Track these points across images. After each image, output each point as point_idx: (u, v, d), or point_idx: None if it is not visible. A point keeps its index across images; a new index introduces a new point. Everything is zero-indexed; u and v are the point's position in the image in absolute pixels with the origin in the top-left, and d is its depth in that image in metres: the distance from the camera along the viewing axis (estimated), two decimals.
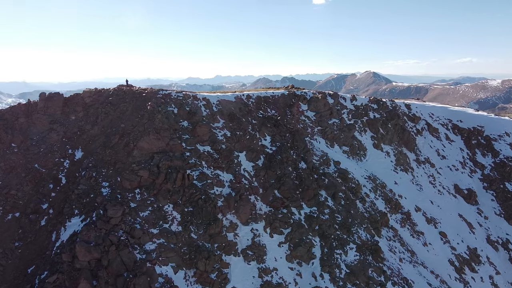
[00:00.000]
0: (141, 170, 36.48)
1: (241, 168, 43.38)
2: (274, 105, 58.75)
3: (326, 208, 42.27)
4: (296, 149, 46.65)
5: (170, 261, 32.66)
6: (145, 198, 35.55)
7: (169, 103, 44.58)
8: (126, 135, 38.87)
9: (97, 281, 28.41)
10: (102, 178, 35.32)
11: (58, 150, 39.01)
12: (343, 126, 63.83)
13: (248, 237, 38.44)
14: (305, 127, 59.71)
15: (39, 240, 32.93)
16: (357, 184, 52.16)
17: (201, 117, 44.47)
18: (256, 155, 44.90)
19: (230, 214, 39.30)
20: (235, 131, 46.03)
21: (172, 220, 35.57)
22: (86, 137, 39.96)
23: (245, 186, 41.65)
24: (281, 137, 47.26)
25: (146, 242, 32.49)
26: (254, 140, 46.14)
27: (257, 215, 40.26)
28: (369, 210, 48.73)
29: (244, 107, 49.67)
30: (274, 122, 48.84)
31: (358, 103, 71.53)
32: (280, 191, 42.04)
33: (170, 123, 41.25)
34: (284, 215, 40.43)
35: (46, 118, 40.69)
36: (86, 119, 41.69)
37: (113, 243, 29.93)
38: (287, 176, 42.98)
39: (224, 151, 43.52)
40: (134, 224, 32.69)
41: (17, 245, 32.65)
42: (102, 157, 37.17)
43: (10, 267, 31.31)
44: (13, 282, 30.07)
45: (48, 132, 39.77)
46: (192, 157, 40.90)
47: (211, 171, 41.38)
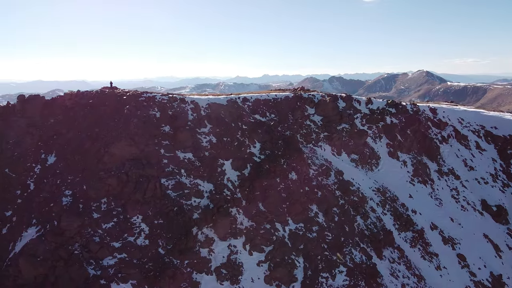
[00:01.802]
0: (110, 178, 35.19)
1: (225, 178, 41.16)
2: (275, 108, 56.01)
3: (315, 224, 39.11)
4: (288, 158, 43.74)
5: (131, 278, 31.07)
6: (111, 209, 34.21)
7: (151, 106, 43.18)
8: (99, 140, 37.83)
9: None
10: (66, 185, 34.38)
11: (31, 154, 38.65)
12: (354, 132, 59.84)
13: (224, 254, 36.19)
14: (309, 132, 56.49)
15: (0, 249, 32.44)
16: (360, 197, 48.34)
17: (185, 122, 42.72)
18: (242, 164, 42.52)
19: (207, 228, 37.22)
20: (222, 137, 43.89)
21: (139, 233, 33.99)
22: (62, 142, 39.35)
23: (226, 198, 39.38)
24: (272, 145, 44.54)
25: (105, 257, 31.12)
26: (242, 147, 43.78)
27: (237, 229, 37.88)
28: (371, 228, 44.82)
29: (235, 111, 47.43)
30: (266, 128, 46.19)
31: (374, 106, 67.04)
32: (264, 204, 39.40)
33: (148, 128, 39.79)
34: (267, 231, 37.75)
35: (23, 121, 40.54)
36: (64, 123, 41.17)
37: (62, 257, 28.72)
38: (273, 188, 40.24)
39: (207, 159, 41.53)
40: (92, 237, 31.39)
41: None
42: (71, 163, 36.30)
43: None
44: None
45: (24, 136, 39.54)
46: (170, 165, 39.22)
47: (190, 180, 39.50)
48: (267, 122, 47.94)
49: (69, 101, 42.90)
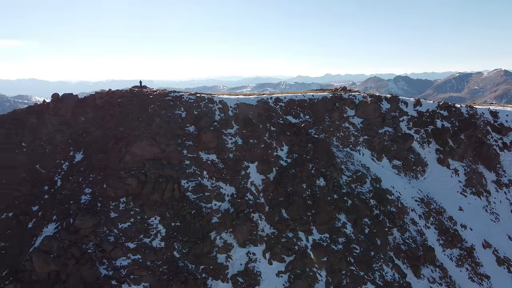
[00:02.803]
0: (130, 178, 35.52)
1: (248, 181, 40.03)
2: (311, 109, 53.92)
3: (342, 236, 36.64)
4: (316, 163, 41.60)
5: (143, 280, 30.94)
6: (129, 209, 34.45)
7: (178, 106, 43.28)
8: (123, 139, 38.47)
9: None
10: (87, 183, 35.23)
11: (61, 151, 40.33)
12: (397, 136, 55.94)
13: (243, 261, 34.98)
14: (346, 135, 53.73)
15: (22, 243, 33.93)
16: (400, 207, 44.84)
17: (209, 122, 42.22)
18: (268, 167, 41.10)
19: (226, 233, 36.30)
20: (248, 138, 42.82)
21: (155, 235, 33.87)
22: (89, 140, 40.64)
23: (248, 202, 38.26)
24: (300, 148, 42.61)
25: (118, 257, 31.23)
26: (269, 150, 42.38)
27: (258, 236, 36.55)
28: (409, 242, 41.27)
29: (264, 112, 46.14)
30: (295, 130, 44.33)
31: (423, 108, 62.31)
32: (288, 211, 37.68)
33: (171, 128, 39.79)
34: (289, 240, 36.01)
35: (56, 119, 42.49)
36: (93, 121, 42.56)
37: (74, 256, 29.22)
38: (298, 194, 38.37)
39: (231, 161, 40.68)
40: (107, 237, 31.72)
41: (2, 245, 34.07)
42: (94, 161, 37.21)
43: None
44: None
45: (55, 133, 41.39)
46: (192, 166, 38.88)
47: (212, 182, 38.88)
48: (297, 124, 46.08)
49: (100, 100, 44.29)
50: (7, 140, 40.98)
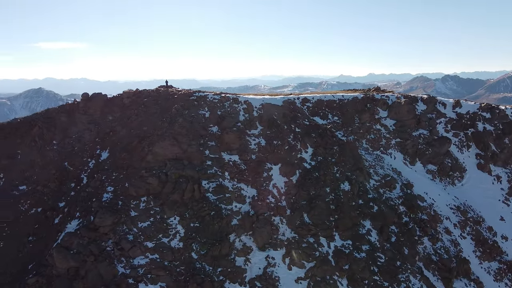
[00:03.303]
0: (151, 178, 35.97)
1: (271, 184, 39.39)
2: (340, 110, 52.36)
3: (366, 243, 35.10)
4: (342, 166, 40.20)
5: (160, 280, 31.17)
6: (150, 208, 34.87)
7: (202, 106, 43.38)
8: (146, 138, 39.03)
9: None
10: (109, 182, 36.01)
11: (88, 149, 41.59)
12: (433, 139, 53.11)
13: (261, 265, 34.43)
14: (377, 138, 51.69)
15: (49, 238, 35.25)
16: (432, 215, 42.53)
17: (233, 122, 41.97)
18: (291, 170, 40.23)
19: (246, 235, 35.91)
20: (272, 140, 42.16)
21: (174, 235, 34.08)
22: (115, 139, 41.60)
23: (269, 205, 37.63)
24: (325, 150, 41.33)
25: (136, 256, 31.64)
26: (293, 151, 41.47)
27: (278, 240, 35.85)
28: (441, 253, 38.96)
29: (290, 113, 45.22)
30: (321, 132, 43.08)
31: (463, 110, 58.77)
32: (309, 216, 36.65)
33: (194, 128, 39.90)
34: (309, 245, 35.01)
35: (85, 118, 43.92)
36: (119, 120, 43.55)
37: (92, 253, 29.89)
38: (321, 198, 37.23)
39: (254, 162, 40.23)
40: (126, 235, 32.22)
41: (30, 239, 35.57)
42: (117, 160, 38.02)
43: (19, 260, 34.22)
44: (16, 275, 32.70)
45: (84, 132, 42.76)
46: (213, 167, 38.80)
47: (233, 184, 38.63)
48: (323, 126, 44.76)
49: (127, 100, 45.29)
50: (40, 138, 42.85)
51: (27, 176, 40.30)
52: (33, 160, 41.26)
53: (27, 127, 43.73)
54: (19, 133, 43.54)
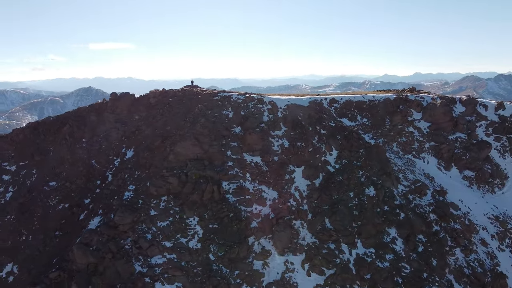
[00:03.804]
0: (171, 177, 36.28)
1: (293, 186, 38.60)
2: (369, 111, 50.50)
3: (390, 252, 33.46)
4: (368, 170, 38.62)
5: (177, 280, 31.34)
6: (169, 208, 35.19)
7: (226, 106, 43.28)
8: (169, 138, 39.44)
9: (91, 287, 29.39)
10: (131, 180, 36.68)
11: (114, 148, 42.66)
12: (471, 143, 49.99)
13: (280, 270, 33.77)
14: (410, 141, 49.38)
15: (73, 233, 36.44)
16: (467, 225, 39.97)
17: (256, 123, 41.54)
18: (314, 172, 39.23)
19: (265, 239, 35.36)
20: (296, 141, 41.29)
21: (192, 236, 34.19)
22: (140, 138, 42.41)
23: (290, 208, 36.86)
24: (350, 153, 39.90)
25: (154, 255, 31.97)
26: (317, 154, 40.40)
27: (298, 245, 35.01)
28: (474, 266, 36.50)
29: (315, 114, 44.10)
30: (346, 134, 41.62)
31: (507, 113, 54.91)
32: (331, 221, 35.50)
33: (217, 128, 39.84)
34: (330, 252, 33.91)
35: (113, 117, 45.11)
36: (145, 120, 44.35)
37: (111, 250, 30.49)
38: (344, 203, 35.96)
39: (276, 164, 39.60)
40: (145, 234, 32.64)
41: (57, 234, 36.98)
42: (141, 159, 38.66)
43: (45, 254, 35.66)
44: (41, 269, 34.04)
45: (111, 130, 43.91)
46: (234, 168, 38.56)
47: (254, 185, 38.21)
48: (348, 128, 43.24)
49: (153, 99, 46.05)
50: (70, 136, 44.52)
51: (57, 172, 42.03)
52: (63, 157, 42.95)
53: (59, 125, 45.64)
54: (52, 131, 45.55)
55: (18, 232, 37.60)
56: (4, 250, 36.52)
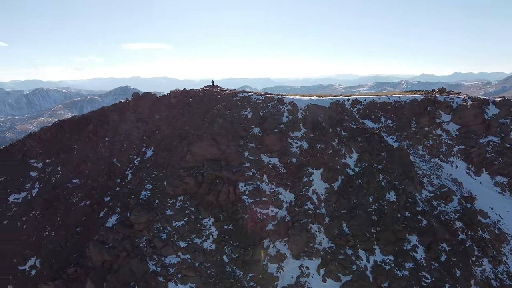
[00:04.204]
0: (188, 177, 36.43)
1: (310, 189, 37.85)
2: (394, 113, 48.82)
3: (410, 260, 32.07)
4: (389, 174, 37.27)
5: (190, 280, 31.41)
6: (185, 208, 35.34)
7: (245, 106, 43.05)
8: (187, 138, 39.63)
9: (106, 284, 29.93)
10: (149, 180, 37.11)
11: (135, 147, 43.41)
12: (504, 148, 47.35)
13: (294, 274, 33.15)
14: (437, 144, 47.36)
15: (92, 231, 37.32)
16: (496, 234, 37.87)
17: (274, 124, 41.05)
18: (333, 175, 38.29)
19: (280, 242, 34.84)
20: (315, 143, 40.49)
21: (207, 236, 34.18)
22: (160, 137, 42.90)
23: (307, 212, 36.14)
24: (371, 156, 38.61)
25: (168, 255, 32.16)
26: (337, 156, 39.41)
27: (314, 249, 34.26)
28: (503, 278, 34.47)
29: (336, 115, 43.04)
30: (368, 136, 40.34)
31: None
32: (349, 225, 34.50)
33: (234, 129, 39.66)
34: (347, 258, 32.94)
35: (134, 116, 45.91)
36: (165, 119, 44.83)
37: (125, 249, 30.92)
38: (362, 208, 34.85)
39: (294, 166, 38.97)
40: (160, 233, 32.91)
41: (77, 230, 37.99)
42: (159, 158, 39.07)
43: (66, 250, 36.72)
44: (61, 264, 35.07)
45: (132, 130, 44.71)
46: (251, 169, 38.25)
47: (271, 187, 37.74)
48: (370, 130, 41.87)
49: (174, 99, 46.51)
50: (94, 135, 45.71)
51: (80, 170, 43.23)
52: (86, 155, 44.16)
53: (84, 124, 46.98)
54: (77, 130, 46.97)
55: (42, 228, 38.96)
56: (28, 244, 37.97)
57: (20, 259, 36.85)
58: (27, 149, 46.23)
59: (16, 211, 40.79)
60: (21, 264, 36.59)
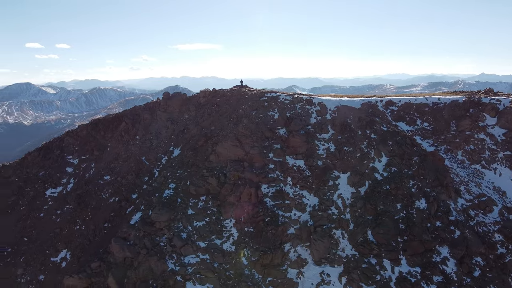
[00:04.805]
0: (211, 178, 36.50)
1: (336, 193, 36.57)
2: (432, 115, 46.00)
3: (438, 274, 29.94)
4: (420, 180, 35.08)
5: (208, 281, 31.39)
6: (207, 208, 35.42)
7: (272, 107, 42.42)
8: (212, 138, 39.72)
9: (126, 280, 30.62)
10: (173, 179, 37.55)
11: (163, 146, 44.18)
12: None
13: (315, 281, 32.15)
14: (479, 149, 44.03)
15: (119, 226, 38.40)
16: None
17: (301, 125, 40.09)
18: (360, 180, 36.74)
19: (302, 246, 33.97)
20: (342, 145, 39.12)
21: (227, 238, 34.06)
22: (188, 136, 43.35)
23: (331, 217, 34.96)
24: (401, 161, 36.56)
25: (188, 254, 32.32)
26: (365, 160, 37.78)
27: (336, 256, 33.05)
28: None
29: (366, 117, 41.24)
30: (399, 140, 38.24)
31: None
32: (374, 233, 32.89)
33: (260, 129, 39.19)
34: (370, 267, 31.42)
35: (165, 116, 46.72)
36: (194, 119, 45.23)
37: (146, 246, 31.44)
38: (389, 215, 33.08)
39: (319, 169, 37.84)
40: (180, 233, 33.17)
41: (106, 225, 39.26)
42: (184, 158, 39.45)
43: (94, 244, 38.07)
44: (88, 258, 36.40)
45: (162, 129, 45.54)
46: (275, 171, 37.63)
47: (295, 190, 36.92)
48: (402, 133, 39.61)
49: (203, 99, 46.82)
50: (126, 133, 47.10)
51: (111, 167, 44.71)
52: (118, 153, 45.60)
53: (117, 122, 48.52)
54: (111, 128, 48.61)
55: (74, 222, 40.65)
56: (61, 237, 39.77)
57: (52, 250, 38.67)
58: (65, 146, 48.56)
59: (52, 204, 42.91)
60: (53, 255, 38.39)
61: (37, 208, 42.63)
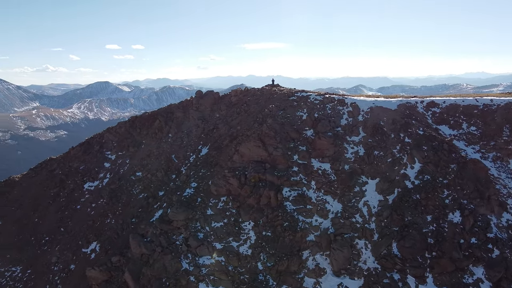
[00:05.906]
0: (232, 178, 35.97)
1: (361, 200, 34.28)
2: (481, 119, 41.42)
3: None
4: (457, 190, 31.60)
5: (221, 284, 31.05)
6: (226, 209, 35.03)
7: (301, 107, 40.86)
8: (237, 138, 39.18)
9: (142, 277, 31.19)
10: (195, 178, 37.57)
11: (193, 144, 44.50)
12: None
13: None
14: None
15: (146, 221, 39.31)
16: None
17: (329, 127, 38.15)
18: (389, 187, 34.06)
19: (321, 255, 32.32)
20: (373, 149, 36.60)
21: (245, 241, 33.42)
22: (216, 135, 43.25)
23: (354, 225, 32.85)
24: (436, 168, 33.17)
25: (203, 255, 32.19)
26: (396, 166, 34.96)
27: (357, 268, 31.00)
28: None
29: (401, 119, 38.10)
30: (434, 145, 34.76)
31: None
32: (399, 246, 30.28)
33: (285, 130, 37.90)
34: (392, 283, 28.99)
35: (196, 114, 47.04)
36: (224, 118, 45.00)
37: (161, 244, 31.74)
38: (417, 228, 30.23)
39: (346, 174, 35.73)
40: (197, 233, 33.09)
41: (133, 220, 40.39)
42: (208, 157, 39.34)
43: (121, 238, 39.31)
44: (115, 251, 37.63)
45: (192, 127, 45.91)
46: (299, 174, 36.18)
47: (318, 195, 35.24)
48: (439, 137, 35.91)
49: (234, 98, 46.46)
50: (159, 131, 48.19)
51: (144, 164, 46.00)
52: (151, 150, 46.81)
53: (152, 120, 49.81)
54: (146, 125, 50.05)
55: (105, 215, 42.40)
56: (93, 229, 41.65)
57: (84, 242, 40.62)
58: (105, 142, 50.90)
59: (88, 197, 45.18)
60: (85, 247, 40.31)
61: (75, 200, 45.12)
